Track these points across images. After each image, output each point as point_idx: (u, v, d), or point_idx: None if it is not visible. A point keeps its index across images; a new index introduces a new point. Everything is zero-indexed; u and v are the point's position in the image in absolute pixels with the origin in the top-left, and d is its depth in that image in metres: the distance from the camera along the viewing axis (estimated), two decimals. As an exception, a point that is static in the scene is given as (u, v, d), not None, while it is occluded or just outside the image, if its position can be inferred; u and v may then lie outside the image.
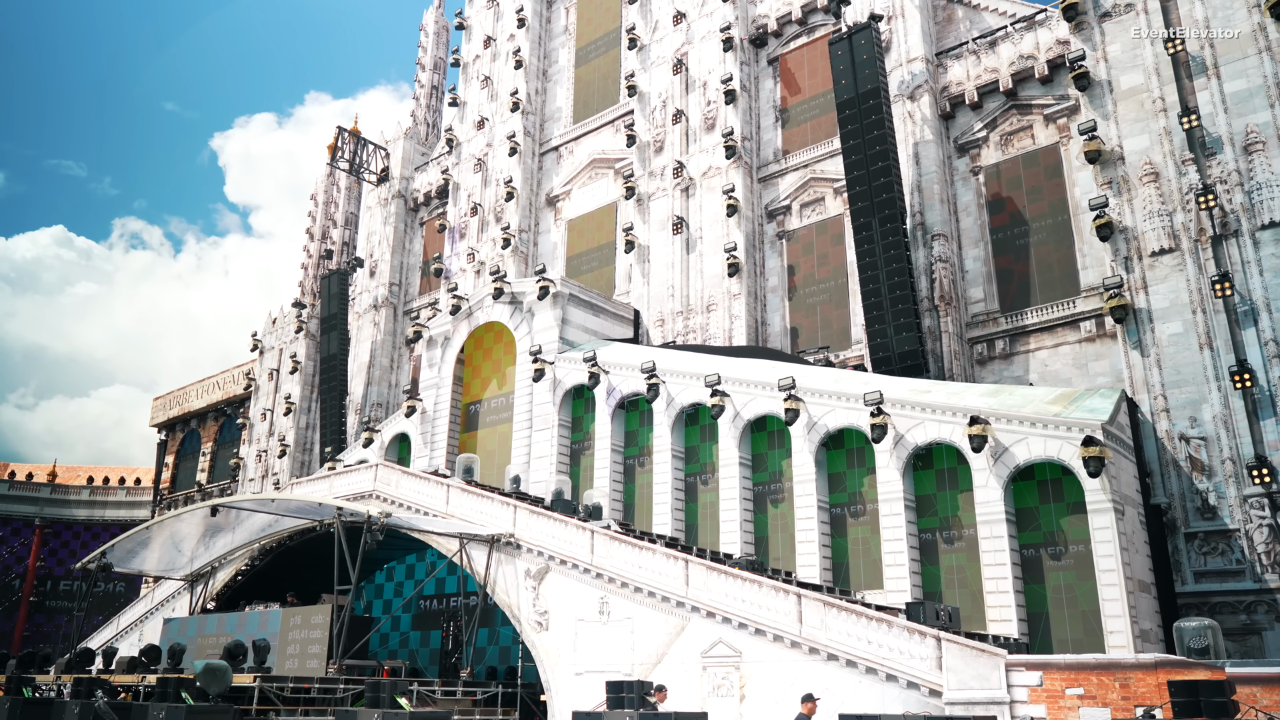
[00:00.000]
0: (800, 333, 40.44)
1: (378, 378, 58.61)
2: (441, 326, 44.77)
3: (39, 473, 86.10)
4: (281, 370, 64.27)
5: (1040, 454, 25.44)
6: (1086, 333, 32.93)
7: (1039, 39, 36.11)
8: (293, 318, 64.77)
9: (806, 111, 43.28)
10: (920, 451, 28.16)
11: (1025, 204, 35.78)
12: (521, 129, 54.39)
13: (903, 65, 38.15)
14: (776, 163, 43.16)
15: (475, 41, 60.13)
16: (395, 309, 60.53)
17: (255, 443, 64.16)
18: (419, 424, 44.22)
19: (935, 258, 35.57)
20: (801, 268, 41.32)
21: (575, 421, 39.08)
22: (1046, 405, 26.69)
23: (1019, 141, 36.50)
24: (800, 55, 44.36)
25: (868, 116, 35.03)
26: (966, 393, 28.79)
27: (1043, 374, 33.58)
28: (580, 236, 51.36)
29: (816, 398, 30.39)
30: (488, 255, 53.40)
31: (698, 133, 44.61)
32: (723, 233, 41.91)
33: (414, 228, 62.93)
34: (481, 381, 43.85)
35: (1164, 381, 28.27)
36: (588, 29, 55.55)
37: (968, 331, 35.54)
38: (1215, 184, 28.63)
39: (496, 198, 54.47)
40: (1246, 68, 28.89)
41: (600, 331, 41.97)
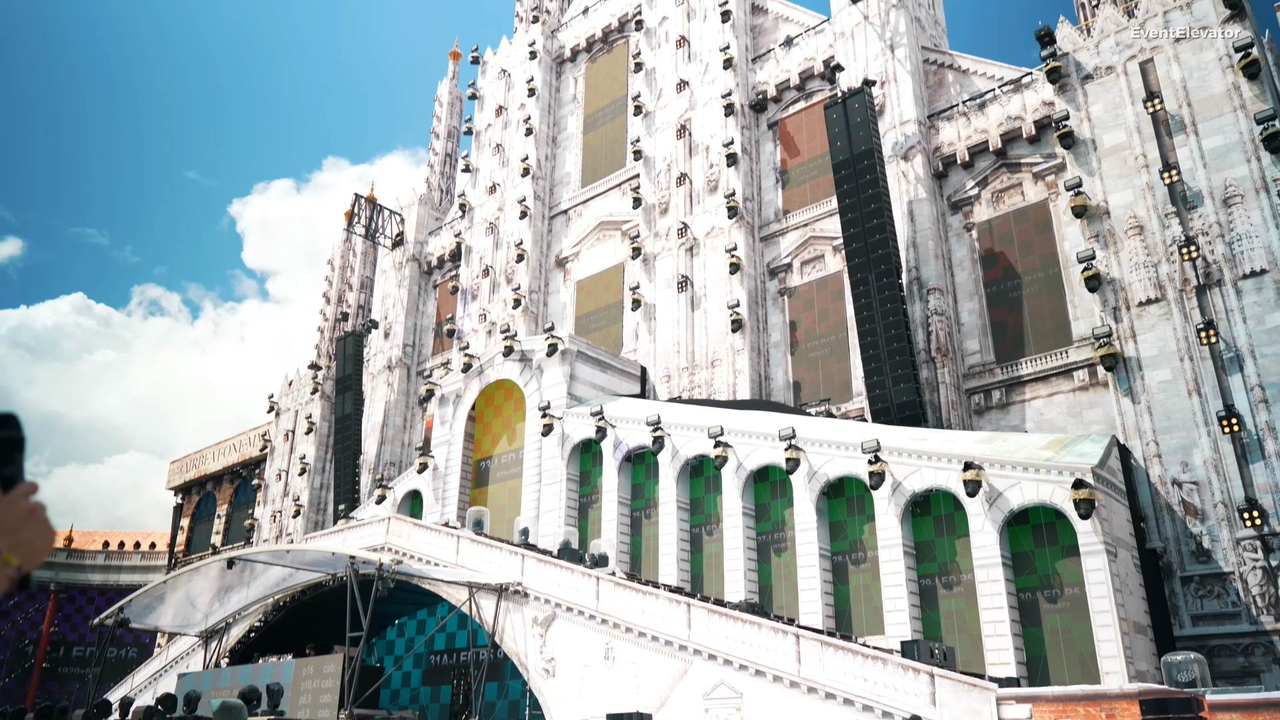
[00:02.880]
0: (803, 386, 41.32)
1: (391, 437, 59.61)
2: (453, 384, 45.87)
3: (56, 537, 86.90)
4: (297, 431, 65.39)
5: (1033, 498, 26.07)
6: (1080, 382, 33.71)
7: (1025, 101, 37.57)
8: (308, 380, 66.10)
9: (805, 173, 44.77)
10: (918, 498, 28.80)
11: (1017, 258, 36.86)
12: (532, 193, 56.16)
13: (896, 127, 39.63)
14: (777, 222, 44.53)
15: (487, 110, 62.35)
16: (409, 369, 61.78)
17: (270, 503, 65.00)
18: (431, 480, 45.05)
19: (931, 311, 36.56)
20: (803, 323, 42.37)
21: (583, 475, 39.85)
22: (1039, 450, 27.39)
23: (1009, 198, 37.73)
24: (799, 119, 46.03)
25: (863, 176, 36.37)
26: (961, 440, 29.52)
27: (1039, 423, 34.27)
28: (588, 296, 52.69)
29: (816, 447, 31.16)
30: (499, 315, 54.75)
31: (701, 194, 46.12)
32: (726, 290, 43.10)
33: (427, 290, 64.52)
34: (492, 438, 44.77)
35: (1155, 427, 28.94)
36: (595, 97, 57.64)
37: (965, 382, 36.35)
38: (1197, 235, 29.65)
39: (507, 260, 56.02)
40: (1223, 125, 30.11)
41: (608, 387, 42.96)
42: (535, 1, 64.34)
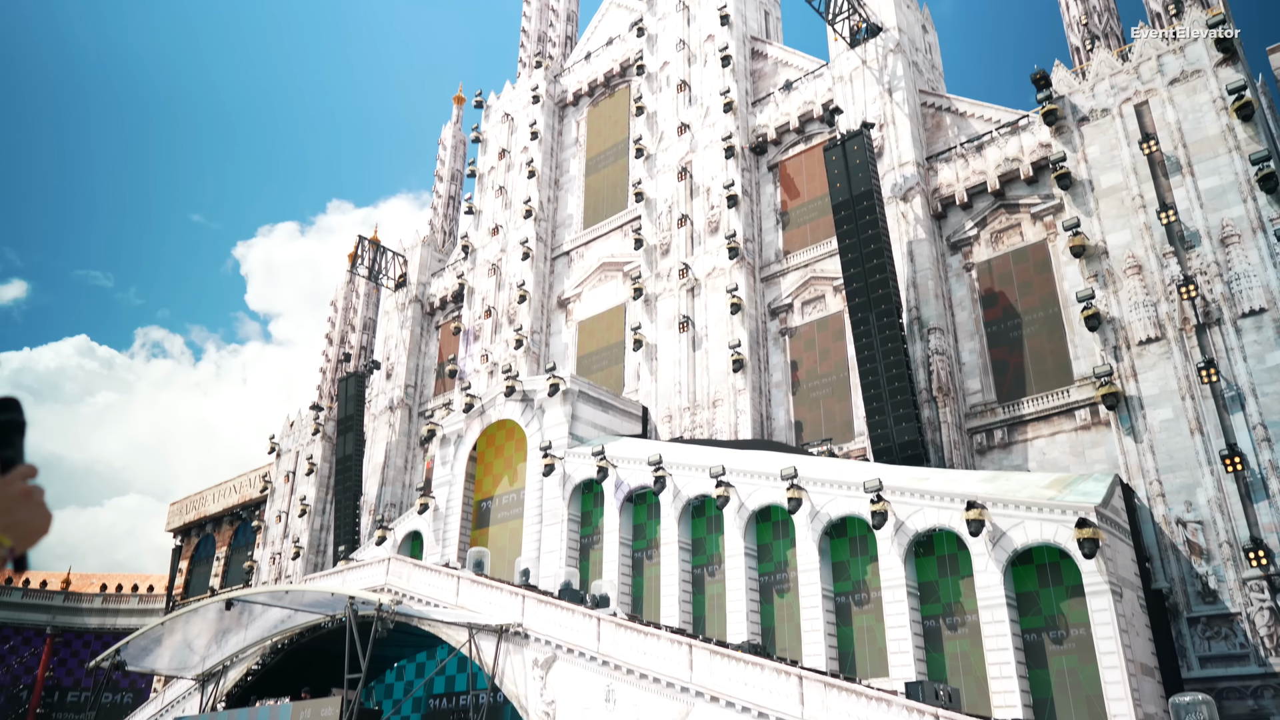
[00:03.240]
0: (804, 426, 41.27)
1: (392, 478, 59.44)
2: (455, 425, 45.84)
3: (53, 580, 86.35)
4: (298, 472, 65.22)
5: (1037, 538, 25.92)
6: (1082, 421, 33.66)
7: (1022, 142, 37.97)
8: (310, 420, 66.07)
9: (805, 214, 45.13)
10: (921, 538, 28.63)
11: (1017, 298, 37.01)
12: (534, 235, 56.57)
13: (895, 169, 40.01)
14: (778, 263, 44.79)
15: (490, 154, 63.02)
16: (410, 410, 61.77)
17: (270, 545, 64.64)
18: (431, 521, 44.85)
19: (932, 351, 36.63)
20: (804, 363, 42.43)
21: (584, 516, 39.67)
22: (1041, 490, 27.28)
23: (1008, 239, 37.98)
24: (799, 161, 46.50)
25: (862, 217, 36.66)
26: (964, 479, 29.42)
27: (1041, 462, 34.16)
28: (590, 337, 52.84)
29: (818, 486, 31.05)
30: (500, 356, 54.86)
31: (702, 235, 46.46)
32: (727, 330, 43.24)
33: (430, 331, 64.74)
34: (493, 478, 44.63)
35: (1158, 466, 28.85)
36: (597, 140, 58.30)
37: (966, 422, 36.30)
38: (1196, 275, 29.80)
39: (510, 300, 56.26)
40: (1218, 165, 30.41)
41: (609, 428, 42.92)
42: (538, 47, 65.33)
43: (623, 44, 58.03)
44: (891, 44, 42.19)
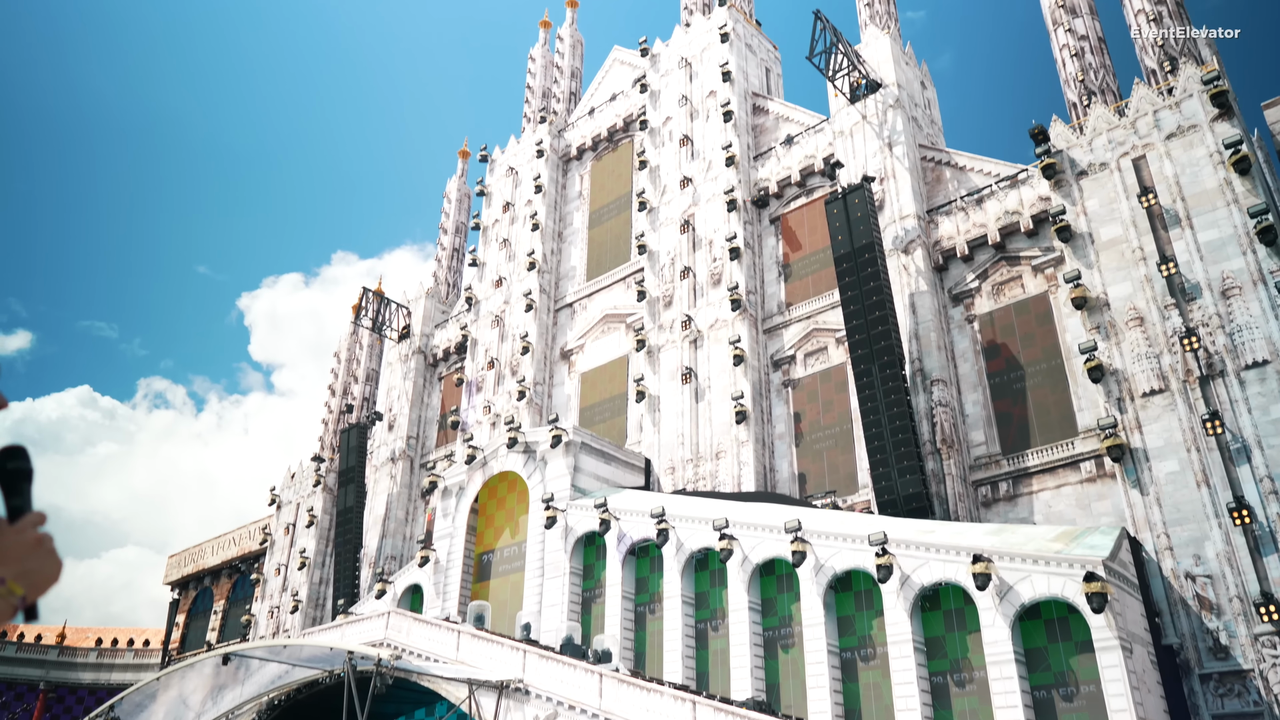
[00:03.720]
0: (808, 478, 41.05)
1: (393, 530, 59.02)
2: (456, 476, 45.63)
3: (48, 634, 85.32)
4: (298, 524, 64.80)
5: (1044, 592, 25.61)
6: (1087, 473, 33.45)
7: (1022, 196, 38.31)
8: (311, 472, 65.81)
9: (807, 266, 45.39)
10: (927, 592, 28.30)
11: (1019, 349, 37.03)
12: (537, 287, 56.88)
13: (896, 222, 40.32)
14: (780, 314, 44.93)
15: (495, 207, 63.64)
16: (412, 461, 61.55)
17: (268, 599, 63.96)
18: (432, 574, 44.42)
19: (935, 402, 36.57)
20: (807, 414, 42.34)
21: (586, 569, 39.28)
22: (1048, 543, 27.03)
23: (1010, 291, 38.13)
24: (800, 214, 46.90)
25: (864, 269, 36.85)
26: (969, 532, 29.18)
27: (1047, 515, 33.89)
28: (593, 388, 52.83)
29: (822, 539, 30.78)
30: (503, 407, 54.81)
31: (705, 287, 46.69)
32: (730, 382, 43.23)
33: (433, 382, 64.77)
34: (495, 531, 44.30)
35: (1165, 519, 28.61)
36: (600, 193, 58.90)
37: (971, 474, 36.10)
38: (1198, 327, 29.84)
39: (513, 352, 56.38)
40: (1217, 219, 30.64)
41: (612, 479, 42.70)
42: (543, 103, 66.32)
43: (626, 100, 58.91)
44: (891, 99, 42.80)
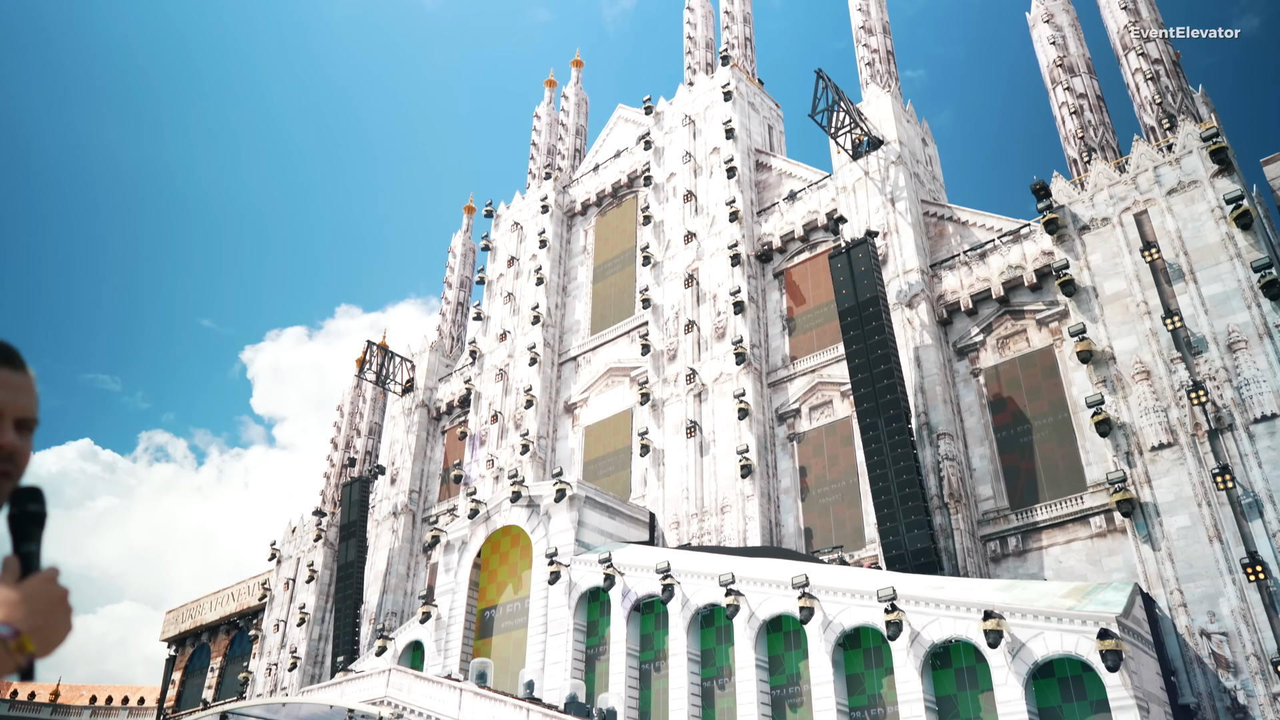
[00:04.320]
0: (814, 533, 40.67)
1: (394, 586, 58.35)
2: (459, 531, 45.24)
3: (41, 691, 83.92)
4: (298, 579, 64.09)
5: (1057, 649, 25.19)
6: (1097, 528, 33.12)
7: (1025, 250, 38.53)
8: (312, 526, 65.27)
9: (811, 320, 45.50)
10: (938, 649, 27.85)
11: (1026, 403, 36.93)
12: (542, 340, 56.99)
13: (900, 276, 40.51)
14: (785, 368, 44.93)
15: (500, 261, 64.07)
16: (414, 516, 61.08)
17: (266, 655, 63.00)
18: (434, 631, 43.80)
19: (942, 456, 36.37)
20: (813, 469, 42.10)
21: (590, 625, 38.74)
22: (1060, 599, 26.66)
23: (1015, 344, 38.15)
24: (804, 269, 47.15)
25: (869, 323, 36.93)
26: (980, 588, 28.81)
27: (1057, 570, 33.48)
28: (597, 442, 52.63)
29: (831, 595, 30.38)
30: (507, 461, 54.55)
31: (709, 341, 46.76)
32: (735, 436, 43.06)
33: (436, 436, 64.57)
34: (497, 586, 43.79)
35: (1178, 575, 28.24)
36: (605, 248, 59.32)
37: (979, 529, 35.76)
38: (1205, 380, 29.79)
39: (516, 405, 56.29)
40: (1221, 273, 30.76)
41: (616, 534, 42.31)
42: (548, 159, 67.17)
43: (630, 156, 59.64)
44: (893, 156, 43.30)
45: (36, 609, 1.94)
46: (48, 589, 1.99)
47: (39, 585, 1.99)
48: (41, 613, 1.94)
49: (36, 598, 1.96)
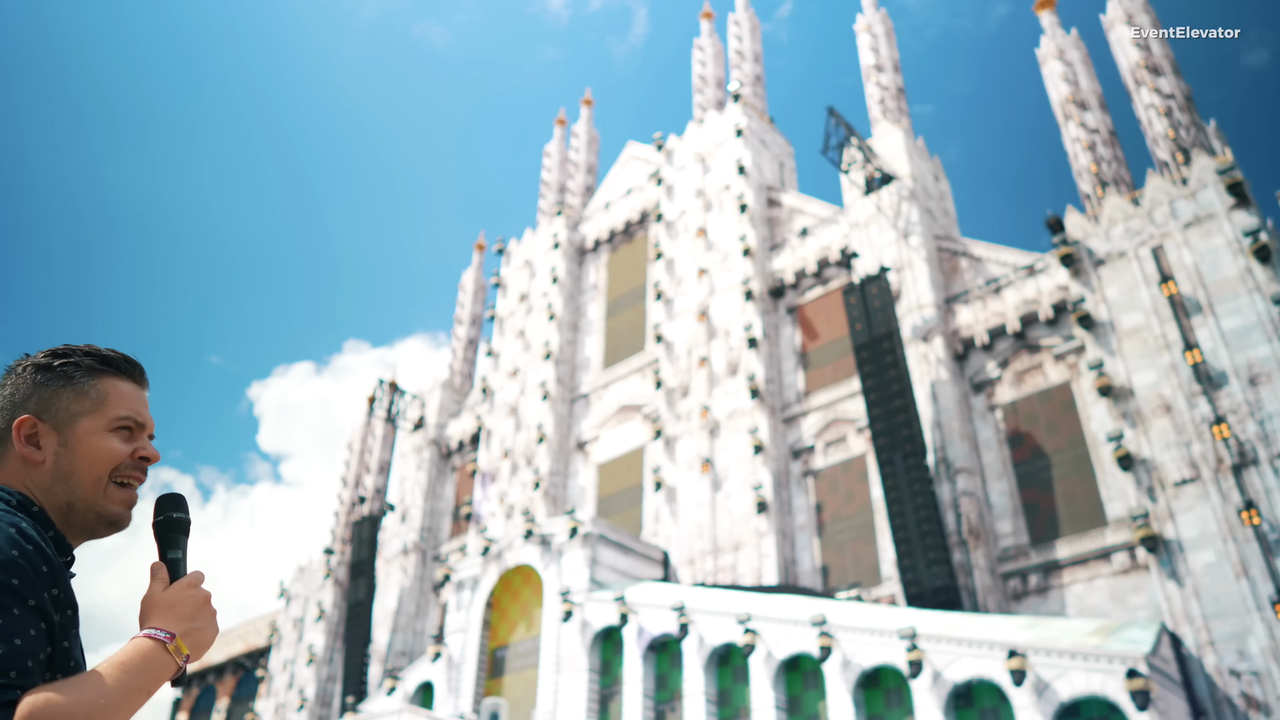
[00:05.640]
0: (831, 570, 40.18)
1: (404, 625, 57.77)
2: (470, 569, 44.82)
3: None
4: (307, 619, 63.52)
5: (1084, 689, 24.66)
6: (1120, 565, 32.63)
7: (1040, 285, 38.40)
8: (321, 564, 64.83)
9: (825, 355, 45.34)
10: (960, 689, 27.30)
11: (1044, 438, 36.59)
12: (553, 377, 56.88)
13: (914, 310, 40.39)
14: (799, 404, 44.68)
15: (510, 298, 64.19)
16: (424, 554, 60.63)
17: (274, 696, 62.28)
18: (444, 670, 43.22)
19: (960, 492, 35.99)
20: (829, 505, 41.69)
21: (604, 665, 38.17)
22: (1085, 637, 26.17)
23: (1031, 379, 37.88)
24: (817, 304, 47.08)
25: (884, 358, 36.75)
26: (1003, 625, 28.31)
27: (1080, 608, 32.94)
28: (609, 479, 52.29)
29: (849, 634, 29.89)
30: (518, 499, 54.20)
31: (721, 377, 46.58)
32: (749, 472, 42.72)
33: (446, 473, 64.29)
34: (509, 625, 43.27)
35: (1204, 613, 27.73)
36: (616, 285, 59.41)
37: (999, 566, 35.27)
38: (1227, 414, 29.47)
39: (528, 442, 56.05)
40: (1240, 306, 30.55)
41: (629, 572, 41.86)
42: (558, 196, 67.55)
43: (641, 194, 59.91)
44: (905, 192, 43.38)
45: (187, 613, 2.05)
46: (196, 593, 2.11)
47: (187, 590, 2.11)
48: (190, 617, 2.06)
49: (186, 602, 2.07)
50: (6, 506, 2.00)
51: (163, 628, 2.00)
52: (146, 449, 2.28)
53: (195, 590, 2.11)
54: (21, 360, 2.24)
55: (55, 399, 2.18)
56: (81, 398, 2.20)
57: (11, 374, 2.22)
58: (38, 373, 2.20)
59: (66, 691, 1.75)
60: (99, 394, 2.23)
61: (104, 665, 1.87)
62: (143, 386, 2.35)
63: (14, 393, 2.18)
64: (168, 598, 2.08)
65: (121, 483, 2.22)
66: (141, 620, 2.06)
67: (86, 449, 2.17)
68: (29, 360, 2.23)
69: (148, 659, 1.93)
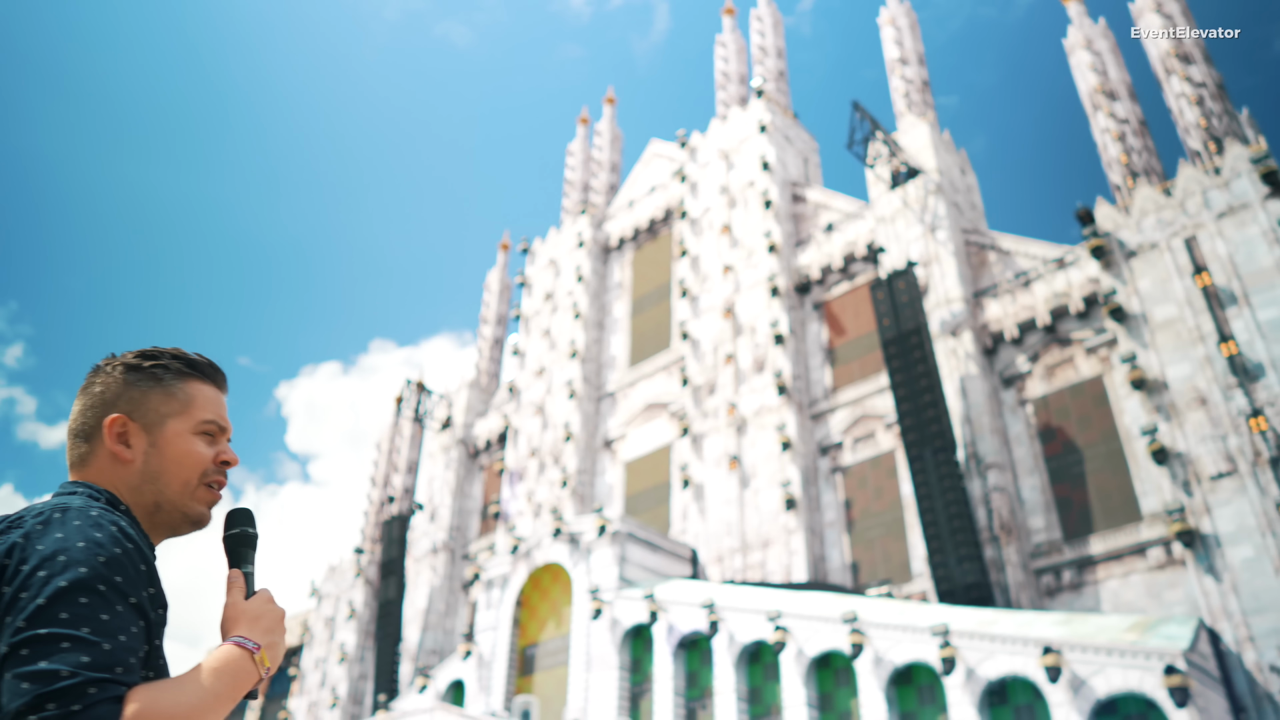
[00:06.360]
0: (861, 567, 39.99)
1: (434, 623, 58.13)
2: (500, 568, 45.01)
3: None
4: (338, 618, 64.06)
5: (1120, 686, 24.41)
6: (1156, 561, 32.24)
7: (1070, 278, 38.00)
8: (351, 564, 65.34)
9: (853, 351, 45.12)
10: (994, 686, 27.10)
11: (1076, 433, 36.22)
12: (580, 376, 56.97)
13: (942, 305, 40.10)
14: (826, 400, 44.50)
15: (536, 297, 64.35)
16: (453, 553, 60.96)
17: (306, 694, 62.87)
18: (475, 669, 43.44)
19: (991, 488, 35.70)
20: (858, 501, 41.50)
21: (634, 663, 38.23)
22: (1122, 633, 25.90)
23: (1063, 373, 37.50)
24: (844, 300, 46.84)
25: (912, 353, 36.50)
26: (1036, 622, 28.07)
27: (1115, 604, 32.60)
28: (637, 477, 52.33)
29: (881, 630, 29.75)
30: (546, 497, 54.36)
31: (748, 374, 46.46)
32: (777, 469, 42.60)
33: (474, 472, 64.58)
34: (539, 623, 43.42)
35: (1243, 608, 27.35)
36: (642, 283, 59.41)
37: (1032, 562, 34.96)
38: (1264, 407, 29.03)
39: (555, 441, 56.19)
40: (1276, 297, 30.09)
41: (658, 570, 41.88)
42: (582, 195, 67.62)
43: (665, 191, 59.85)
44: (932, 185, 43.06)
45: (268, 626, 2.07)
46: (274, 608, 2.12)
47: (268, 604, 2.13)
48: (271, 630, 2.07)
49: (268, 615, 2.09)
50: (104, 505, 2.03)
51: (250, 638, 2.02)
52: (228, 453, 2.32)
53: (273, 605, 2.14)
54: (110, 360, 2.27)
55: (145, 399, 2.21)
56: (170, 399, 2.23)
57: (100, 373, 2.24)
58: (128, 373, 2.23)
59: (169, 692, 1.78)
60: (186, 397, 2.26)
61: (199, 669, 1.90)
62: (223, 391, 2.38)
63: (104, 391, 2.21)
64: (252, 609, 2.10)
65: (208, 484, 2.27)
66: (226, 629, 2.07)
67: (175, 451, 2.21)
68: (118, 360, 2.26)
69: (237, 667, 1.95)
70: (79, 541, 1.84)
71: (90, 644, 1.72)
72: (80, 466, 2.20)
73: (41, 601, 1.75)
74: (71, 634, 1.72)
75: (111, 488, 2.16)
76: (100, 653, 1.72)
